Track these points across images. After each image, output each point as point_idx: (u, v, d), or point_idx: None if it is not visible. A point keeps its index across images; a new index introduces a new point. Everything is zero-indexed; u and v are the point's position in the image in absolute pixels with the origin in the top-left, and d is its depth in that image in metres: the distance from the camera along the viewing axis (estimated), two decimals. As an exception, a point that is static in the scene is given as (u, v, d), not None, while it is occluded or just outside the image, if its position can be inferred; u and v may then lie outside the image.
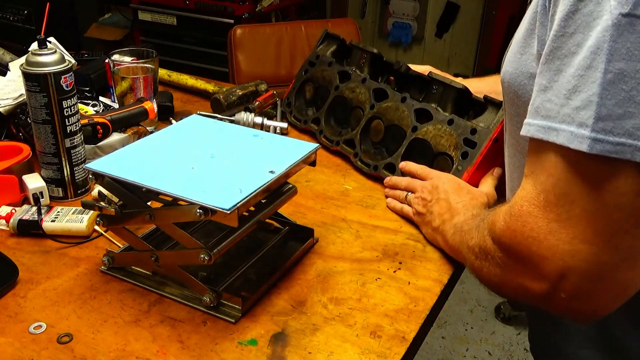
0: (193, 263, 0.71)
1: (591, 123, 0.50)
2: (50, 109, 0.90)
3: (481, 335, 2.09)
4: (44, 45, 0.89)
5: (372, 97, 1.11)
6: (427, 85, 1.06)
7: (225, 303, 0.73)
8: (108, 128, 1.07)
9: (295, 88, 1.28)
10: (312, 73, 1.25)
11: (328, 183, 1.05)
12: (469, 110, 1.02)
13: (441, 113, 1.01)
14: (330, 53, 1.26)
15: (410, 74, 1.11)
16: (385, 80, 1.16)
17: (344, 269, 0.82)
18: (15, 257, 0.81)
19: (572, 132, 0.52)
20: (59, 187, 0.96)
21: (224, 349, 0.67)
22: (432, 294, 0.78)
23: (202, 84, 1.43)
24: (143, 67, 1.20)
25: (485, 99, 0.98)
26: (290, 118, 1.27)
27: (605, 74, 0.50)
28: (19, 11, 2.50)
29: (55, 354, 0.66)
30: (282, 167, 0.75)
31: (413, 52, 3.57)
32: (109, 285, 0.77)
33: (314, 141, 0.94)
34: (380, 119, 1.09)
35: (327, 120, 1.20)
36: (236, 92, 1.30)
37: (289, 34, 2.04)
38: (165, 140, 0.82)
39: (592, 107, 0.50)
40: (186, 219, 0.70)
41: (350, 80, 1.17)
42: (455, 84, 1.01)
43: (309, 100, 1.26)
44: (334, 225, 0.93)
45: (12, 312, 0.72)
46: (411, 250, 0.87)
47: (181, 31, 2.78)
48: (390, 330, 0.71)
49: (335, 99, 1.18)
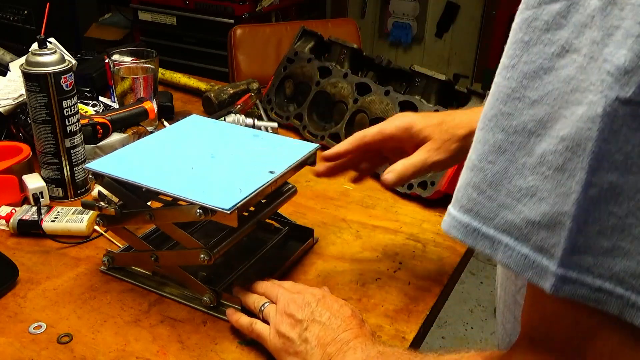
0: (193, 263, 0.71)
1: (560, 254, 0.34)
2: (50, 109, 0.90)
3: (481, 335, 2.09)
4: (44, 45, 0.89)
5: (355, 92, 1.12)
6: (409, 79, 1.08)
7: (225, 303, 0.73)
8: (108, 128, 1.07)
9: (274, 85, 1.30)
10: (291, 70, 1.27)
11: (328, 183, 1.05)
12: (452, 101, 1.04)
13: (426, 104, 1.03)
14: (308, 49, 1.27)
15: (391, 68, 1.13)
16: (366, 75, 1.17)
17: (344, 269, 0.82)
18: (15, 257, 0.81)
19: (526, 255, 0.35)
20: (59, 187, 0.96)
21: (224, 349, 0.67)
22: (432, 294, 0.78)
23: (195, 82, 1.43)
24: (143, 67, 1.20)
25: (468, 89, 1.00)
26: (272, 114, 1.28)
27: (588, 188, 0.33)
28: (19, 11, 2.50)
29: (55, 354, 0.66)
30: (282, 167, 0.74)
31: (413, 52, 3.57)
32: (109, 285, 0.77)
33: (298, 137, 0.95)
34: (365, 113, 1.10)
35: (310, 116, 1.21)
36: (227, 90, 1.30)
37: (289, 34, 2.04)
38: (165, 140, 0.82)
39: (563, 231, 0.34)
40: (186, 219, 0.70)
41: (332, 75, 1.18)
42: (437, 76, 1.03)
43: (289, 97, 1.28)
44: (334, 226, 0.93)
45: (12, 312, 0.72)
46: (411, 250, 0.87)
47: (181, 31, 2.78)
48: (390, 330, 0.71)
49: (317, 95, 1.19)
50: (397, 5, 3.45)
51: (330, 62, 1.21)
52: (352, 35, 2.12)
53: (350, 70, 1.17)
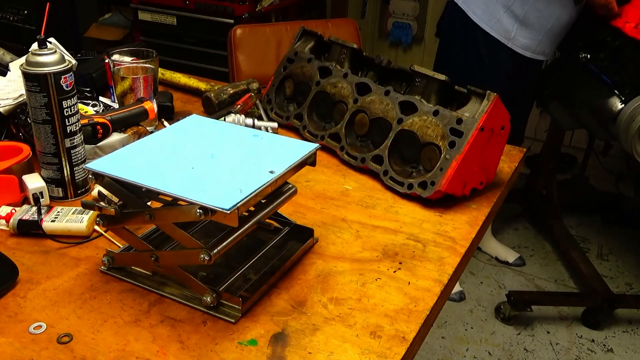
0: (193, 263, 0.71)
1: None
2: (50, 109, 0.90)
3: (481, 335, 2.09)
4: (44, 45, 0.89)
5: (355, 92, 1.12)
6: (409, 79, 1.08)
7: (225, 303, 0.73)
8: (108, 128, 1.07)
9: (274, 85, 1.30)
10: (291, 70, 1.27)
11: (328, 183, 1.05)
12: (452, 101, 1.04)
13: (426, 105, 1.03)
14: (308, 49, 1.27)
15: (391, 68, 1.13)
16: (366, 74, 1.17)
17: (344, 269, 0.82)
18: (15, 257, 0.81)
19: None
20: (59, 187, 0.96)
21: (224, 349, 0.67)
22: (432, 294, 0.78)
23: (195, 82, 1.43)
24: (143, 67, 1.20)
25: (469, 89, 1.00)
26: (272, 114, 1.29)
27: None
28: (19, 11, 2.50)
29: (55, 354, 0.66)
30: (282, 167, 0.74)
31: (413, 52, 3.57)
32: (109, 285, 0.77)
33: (298, 137, 0.95)
34: (364, 113, 1.10)
35: (310, 116, 1.21)
36: (227, 90, 1.31)
37: (289, 34, 2.04)
38: (165, 140, 0.82)
39: None
40: (186, 219, 0.70)
41: (332, 75, 1.18)
42: (437, 76, 1.03)
43: (289, 97, 1.28)
44: (334, 225, 0.93)
45: (12, 312, 0.72)
46: (411, 250, 0.87)
47: (181, 31, 2.78)
48: (390, 330, 0.71)
49: (317, 95, 1.20)
50: (397, 5, 3.45)
51: (330, 62, 1.21)
52: (352, 35, 2.12)
53: (350, 70, 1.17)
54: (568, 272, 2.42)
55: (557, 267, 2.46)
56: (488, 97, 0.97)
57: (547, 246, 2.59)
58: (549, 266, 2.46)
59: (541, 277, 2.39)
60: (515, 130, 1.06)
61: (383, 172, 1.05)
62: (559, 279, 2.39)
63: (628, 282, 2.38)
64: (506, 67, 1.90)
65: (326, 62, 1.21)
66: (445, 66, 2.03)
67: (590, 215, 2.79)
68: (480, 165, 1.00)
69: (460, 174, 0.96)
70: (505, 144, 1.07)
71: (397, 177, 1.02)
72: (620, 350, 2.03)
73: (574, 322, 2.16)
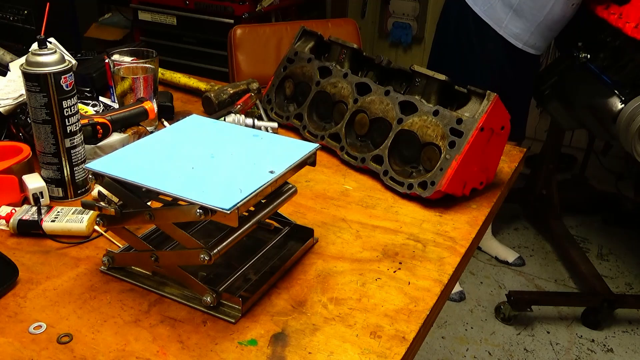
0: (193, 263, 0.71)
1: None
2: (50, 109, 0.90)
3: (481, 335, 2.09)
4: (44, 45, 0.89)
5: (355, 92, 1.13)
6: (409, 79, 1.08)
7: (225, 303, 0.73)
8: (108, 128, 1.07)
9: (274, 85, 1.30)
10: (291, 70, 1.27)
11: (328, 183, 1.05)
12: (452, 101, 1.04)
13: (426, 105, 1.03)
14: (308, 49, 1.27)
15: (391, 68, 1.13)
16: (366, 74, 1.17)
17: (344, 269, 0.82)
18: (15, 257, 0.81)
19: None
20: (59, 187, 0.96)
21: (224, 349, 0.67)
22: (432, 294, 0.78)
23: (195, 82, 1.43)
24: (143, 67, 1.20)
25: (469, 89, 1.00)
26: (272, 114, 1.29)
27: None
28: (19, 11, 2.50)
29: (55, 354, 0.66)
30: (282, 167, 0.74)
31: (413, 52, 3.57)
32: (109, 285, 0.77)
33: (298, 137, 0.95)
34: (364, 113, 1.10)
35: (310, 116, 1.21)
36: (227, 90, 1.30)
37: (289, 34, 2.04)
38: (165, 140, 0.82)
39: None
40: (186, 219, 0.70)
41: (332, 75, 1.18)
42: (437, 76, 1.03)
43: (289, 97, 1.28)
44: (334, 225, 0.93)
45: (12, 312, 0.72)
46: (411, 250, 0.87)
47: (181, 31, 2.78)
48: (390, 330, 0.71)
49: (317, 95, 1.20)
50: (397, 5, 3.45)
51: (330, 62, 1.21)
52: (352, 35, 2.12)
53: (350, 70, 1.17)
54: (568, 272, 2.42)
55: (557, 267, 2.46)
56: (488, 97, 0.97)
57: (547, 246, 2.59)
58: (549, 266, 2.46)
59: (541, 277, 2.39)
60: (514, 127, 1.06)
61: (383, 172, 1.05)
62: (559, 279, 2.39)
63: (628, 282, 2.38)
64: (498, 57, 1.89)
65: (326, 62, 1.21)
66: (439, 56, 2.05)
67: (590, 215, 2.79)
68: (480, 165, 1.00)
69: (460, 174, 0.96)
70: (506, 144, 1.07)
71: (397, 177, 1.02)
72: (620, 350, 2.03)
73: (574, 322, 2.16)
